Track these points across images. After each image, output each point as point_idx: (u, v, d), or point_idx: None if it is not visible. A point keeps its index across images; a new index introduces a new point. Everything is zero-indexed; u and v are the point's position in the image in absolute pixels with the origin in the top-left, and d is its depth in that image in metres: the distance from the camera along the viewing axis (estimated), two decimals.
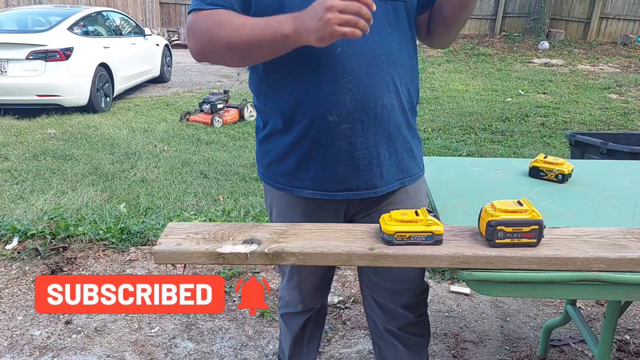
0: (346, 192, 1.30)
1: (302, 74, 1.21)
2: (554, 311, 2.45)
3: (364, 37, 1.15)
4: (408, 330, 1.49)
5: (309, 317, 1.67)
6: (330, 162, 1.26)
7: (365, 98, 1.21)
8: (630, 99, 7.77)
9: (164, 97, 7.65)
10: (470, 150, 5.07)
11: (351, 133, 1.23)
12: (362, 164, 1.26)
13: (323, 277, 1.59)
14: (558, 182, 1.62)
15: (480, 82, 8.87)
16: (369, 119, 1.23)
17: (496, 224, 1.05)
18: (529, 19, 14.07)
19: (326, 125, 1.22)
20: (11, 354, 2.10)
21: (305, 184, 1.31)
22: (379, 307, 1.49)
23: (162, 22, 14.79)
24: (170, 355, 2.12)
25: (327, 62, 1.18)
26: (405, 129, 1.31)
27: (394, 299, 1.45)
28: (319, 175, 1.28)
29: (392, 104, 1.24)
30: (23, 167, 4.35)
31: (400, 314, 1.46)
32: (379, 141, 1.26)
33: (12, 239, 2.97)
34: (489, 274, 1.06)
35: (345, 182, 1.28)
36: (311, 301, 1.63)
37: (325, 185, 1.29)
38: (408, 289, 1.44)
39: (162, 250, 1.08)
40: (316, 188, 1.30)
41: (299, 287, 1.57)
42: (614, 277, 1.04)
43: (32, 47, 5.96)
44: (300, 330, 1.69)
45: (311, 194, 1.31)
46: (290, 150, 1.30)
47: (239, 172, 4.36)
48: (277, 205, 1.43)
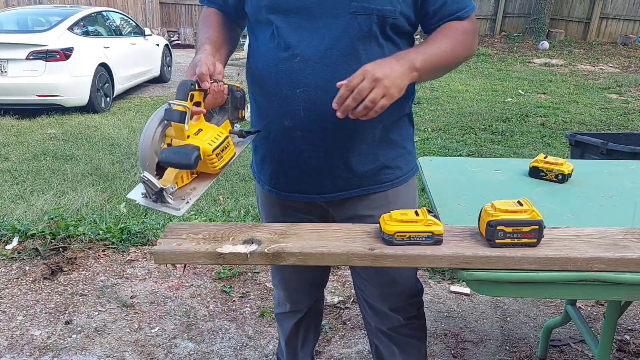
0: (296, 194, 1.34)
1: (266, 77, 1.25)
2: (554, 311, 2.45)
3: (326, 50, 1.16)
4: (399, 332, 1.50)
5: (300, 319, 1.67)
6: (282, 164, 1.31)
7: (319, 110, 1.19)
8: (630, 99, 7.77)
9: (164, 97, 7.64)
10: (470, 150, 5.07)
11: (303, 140, 1.24)
12: (311, 170, 1.29)
13: (311, 277, 1.60)
14: (558, 182, 1.62)
15: (480, 82, 8.87)
16: (320, 130, 1.22)
17: (496, 224, 1.05)
18: (529, 19, 14.08)
19: (282, 128, 1.25)
20: (11, 354, 2.10)
21: (265, 179, 1.39)
22: (370, 308, 1.50)
23: (162, 22, 14.79)
24: (170, 355, 2.12)
25: (286, 69, 1.19)
26: (374, 142, 1.28)
27: (382, 301, 1.46)
28: (275, 174, 1.35)
29: (351, 120, 1.11)
30: (23, 167, 4.35)
31: (390, 316, 1.47)
32: (332, 151, 1.26)
33: (12, 239, 2.97)
34: (489, 274, 1.06)
35: (296, 184, 1.33)
36: (298, 300, 1.63)
37: (279, 184, 1.35)
38: (397, 292, 1.44)
39: (162, 250, 1.08)
40: (272, 185, 1.37)
41: (282, 284, 1.60)
42: (614, 277, 1.04)
43: (32, 47, 5.96)
44: (293, 331, 1.69)
45: (268, 190, 1.39)
46: (259, 144, 1.37)
47: (239, 172, 4.36)
48: (259, 195, 1.49)
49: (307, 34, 1.17)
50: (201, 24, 1.34)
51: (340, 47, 1.16)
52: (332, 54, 1.17)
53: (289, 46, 1.18)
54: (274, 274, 1.62)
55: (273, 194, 1.38)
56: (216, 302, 2.48)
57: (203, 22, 1.34)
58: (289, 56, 1.18)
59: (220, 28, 1.31)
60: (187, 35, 13.71)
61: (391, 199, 1.35)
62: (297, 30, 1.17)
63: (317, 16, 1.16)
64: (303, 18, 1.17)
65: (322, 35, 1.16)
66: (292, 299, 1.63)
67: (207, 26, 1.31)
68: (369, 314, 1.52)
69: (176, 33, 14.05)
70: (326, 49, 1.16)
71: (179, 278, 2.67)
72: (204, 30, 1.30)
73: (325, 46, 1.16)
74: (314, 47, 1.17)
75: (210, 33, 1.28)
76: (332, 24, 1.16)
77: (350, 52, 1.17)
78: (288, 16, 1.18)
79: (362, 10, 1.15)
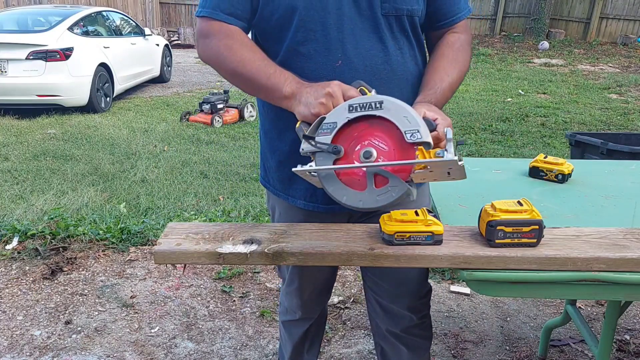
0: (335, 205, 1.28)
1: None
2: (554, 311, 2.45)
3: (366, 51, 1.16)
4: (411, 332, 1.49)
5: (310, 326, 1.66)
6: None
7: None
8: (630, 99, 7.77)
9: (164, 97, 7.65)
10: (470, 150, 5.07)
11: None
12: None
13: (323, 284, 1.59)
14: (558, 182, 1.61)
15: (480, 82, 8.87)
16: None
17: (496, 224, 1.05)
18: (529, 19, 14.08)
19: None
20: (11, 354, 2.10)
21: (299, 194, 1.32)
22: (382, 310, 1.48)
23: (162, 22, 14.79)
24: (170, 355, 2.12)
25: (326, 75, 1.17)
26: None
27: (397, 301, 1.44)
28: (310, 187, 1.28)
29: None
30: (23, 167, 4.35)
31: (404, 316, 1.46)
32: None
33: (12, 239, 2.97)
34: (489, 274, 1.06)
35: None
36: (310, 308, 1.62)
37: (316, 197, 1.30)
38: (411, 291, 1.43)
39: (162, 250, 1.08)
40: (307, 199, 1.31)
41: (298, 292, 1.56)
42: (614, 277, 1.04)
43: (32, 47, 5.96)
44: (302, 338, 1.68)
45: (303, 204, 1.32)
46: (285, 159, 1.30)
47: (239, 172, 4.36)
48: (279, 208, 1.43)
49: (345, 37, 1.17)
50: (246, 49, 1.17)
51: (377, 47, 1.18)
52: (372, 53, 1.18)
53: (329, 49, 1.18)
54: (290, 282, 1.56)
55: (309, 209, 1.32)
56: (216, 302, 2.48)
57: (246, 47, 1.17)
58: (329, 60, 1.17)
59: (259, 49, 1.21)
60: (187, 35, 13.71)
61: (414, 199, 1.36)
62: (335, 33, 1.17)
63: (353, 19, 1.17)
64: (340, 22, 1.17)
65: (358, 37, 1.17)
66: (306, 307, 1.61)
67: (242, 45, 1.18)
68: (381, 316, 1.50)
69: (176, 33, 14.05)
70: (365, 50, 1.17)
71: (179, 278, 2.67)
72: (245, 52, 1.17)
73: (364, 47, 1.17)
74: (354, 49, 1.17)
75: (254, 51, 1.18)
76: (367, 25, 1.17)
77: (389, 52, 1.20)
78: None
79: (394, 11, 1.18)
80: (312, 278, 1.53)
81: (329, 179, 1.04)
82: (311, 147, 1.05)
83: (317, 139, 1.04)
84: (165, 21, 14.94)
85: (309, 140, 1.05)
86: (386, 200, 1.00)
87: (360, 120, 1.03)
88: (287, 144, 1.27)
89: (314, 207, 1.32)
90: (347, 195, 1.03)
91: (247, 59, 1.16)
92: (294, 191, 1.33)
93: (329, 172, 1.04)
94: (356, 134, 1.03)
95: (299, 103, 1.09)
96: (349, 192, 1.03)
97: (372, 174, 1.01)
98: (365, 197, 1.02)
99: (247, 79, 1.17)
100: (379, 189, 1.01)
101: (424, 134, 0.98)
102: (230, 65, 1.18)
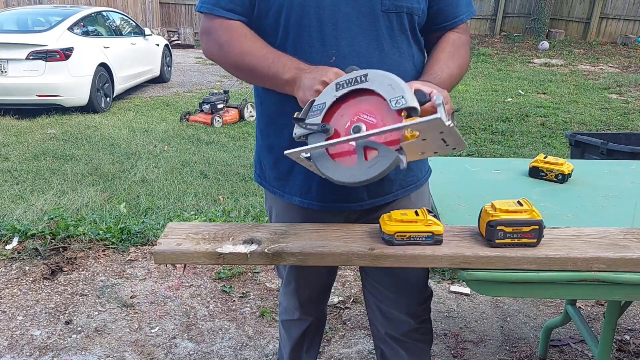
0: (330, 204, 1.30)
1: None
2: (554, 311, 2.45)
3: (362, 49, 1.16)
4: (411, 337, 1.48)
5: (308, 326, 1.66)
6: (313, 174, 1.24)
7: None
8: (630, 99, 7.77)
9: (164, 97, 7.65)
10: (470, 150, 5.07)
11: None
12: None
13: (322, 285, 1.59)
14: (558, 182, 1.62)
15: (480, 82, 8.87)
16: None
17: (496, 224, 1.05)
18: (529, 19, 14.08)
19: None
20: (11, 354, 2.10)
21: (294, 191, 1.32)
22: (382, 314, 1.47)
23: (162, 22, 14.80)
24: (170, 355, 2.12)
25: None
26: None
27: (397, 306, 1.44)
28: (305, 184, 1.29)
29: None
30: (23, 167, 4.35)
31: (403, 321, 1.45)
32: None
33: (12, 239, 2.97)
34: (489, 274, 1.06)
35: (331, 194, 1.29)
36: (309, 309, 1.62)
37: (311, 194, 1.30)
38: (411, 296, 1.43)
39: (162, 250, 1.08)
40: (303, 196, 1.31)
41: (296, 293, 1.56)
42: (614, 277, 1.04)
43: (32, 47, 5.96)
44: (300, 338, 1.68)
45: (299, 201, 1.32)
46: (283, 156, 1.28)
47: (239, 172, 4.36)
48: (275, 208, 1.43)
49: (341, 33, 1.17)
50: (246, 41, 1.18)
51: (373, 44, 1.18)
52: (368, 51, 1.17)
53: (323, 46, 1.17)
54: (287, 283, 1.56)
55: (304, 205, 1.31)
56: (216, 302, 2.48)
57: (246, 39, 1.18)
58: (323, 56, 1.16)
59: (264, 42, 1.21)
60: (187, 35, 13.71)
61: (413, 201, 1.36)
62: (330, 30, 1.17)
63: (350, 16, 1.17)
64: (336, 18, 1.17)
65: (354, 34, 1.17)
66: (304, 308, 1.60)
67: (242, 37, 1.19)
68: (379, 320, 1.49)
69: (176, 33, 14.05)
70: (360, 48, 1.17)
71: (179, 278, 2.67)
72: (245, 44, 1.17)
73: (360, 45, 1.17)
74: (349, 46, 1.17)
75: (255, 42, 1.19)
76: (364, 23, 1.17)
77: (385, 50, 1.19)
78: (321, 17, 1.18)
79: (394, 8, 1.17)
80: (308, 281, 1.53)
81: (321, 159, 1.04)
82: (302, 130, 1.05)
83: (307, 121, 1.05)
84: (165, 21, 14.94)
85: (299, 123, 1.06)
86: (376, 171, 0.98)
87: (348, 98, 1.03)
88: (285, 141, 1.27)
89: (309, 204, 1.31)
90: (339, 172, 1.02)
91: (247, 51, 1.18)
92: (290, 188, 1.33)
93: (321, 152, 1.04)
94: (345, 112, 1.03)
95: (298, 88, 1.11)
96: (341, 169, 1.02)
97: (362, 147, 1.00)
98: (356, 171, 1.01)
99: (249, 70, 1.19)
100: (369, 162, 1.00)
101: (408, 99, 0.97)
102: (232, 59, 1.20)
